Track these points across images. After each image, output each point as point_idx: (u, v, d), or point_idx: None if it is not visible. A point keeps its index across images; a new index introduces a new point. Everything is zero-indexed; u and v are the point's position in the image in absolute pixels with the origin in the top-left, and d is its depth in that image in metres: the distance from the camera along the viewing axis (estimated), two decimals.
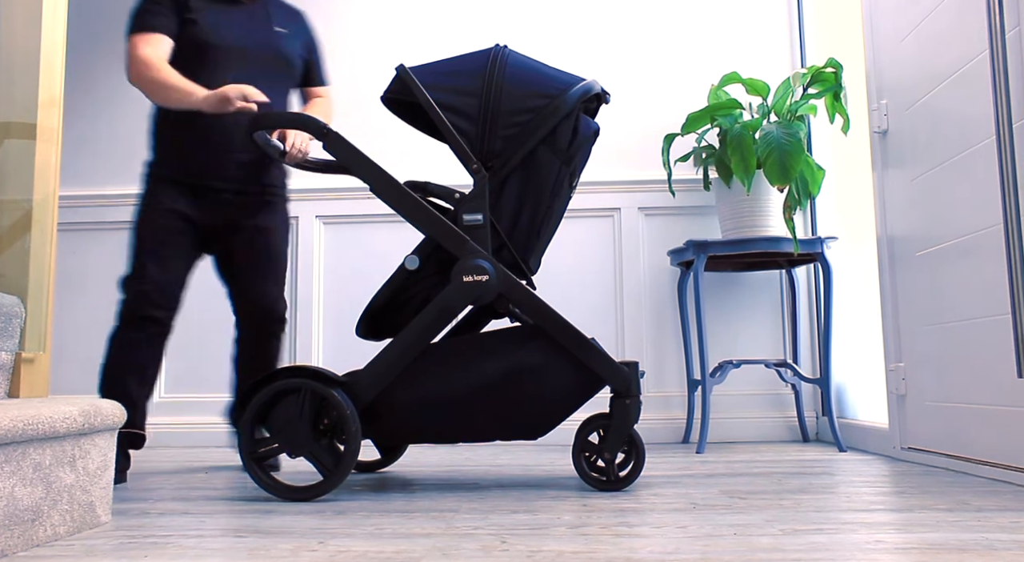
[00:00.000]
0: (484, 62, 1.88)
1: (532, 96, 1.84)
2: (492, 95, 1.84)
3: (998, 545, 1.21)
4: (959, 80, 2.06)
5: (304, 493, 1.75)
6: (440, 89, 1.86)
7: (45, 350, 1.79)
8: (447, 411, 1.81)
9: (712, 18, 3.31)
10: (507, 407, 1.81)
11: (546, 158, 1.85)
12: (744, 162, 2.65)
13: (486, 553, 1.21)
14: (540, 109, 1.83)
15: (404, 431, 1.83)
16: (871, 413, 2.77)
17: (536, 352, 1.81)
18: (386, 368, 1.79)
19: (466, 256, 1.81)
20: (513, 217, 1.85)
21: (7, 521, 1.23)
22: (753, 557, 1.15)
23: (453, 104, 1.85)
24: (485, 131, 1.83)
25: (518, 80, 1.85)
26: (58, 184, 1.91)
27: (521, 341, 1.82)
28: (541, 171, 1.85)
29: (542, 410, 1.81)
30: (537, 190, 1.85)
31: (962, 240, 2.05)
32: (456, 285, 1.80)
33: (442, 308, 1.80)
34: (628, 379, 1.79)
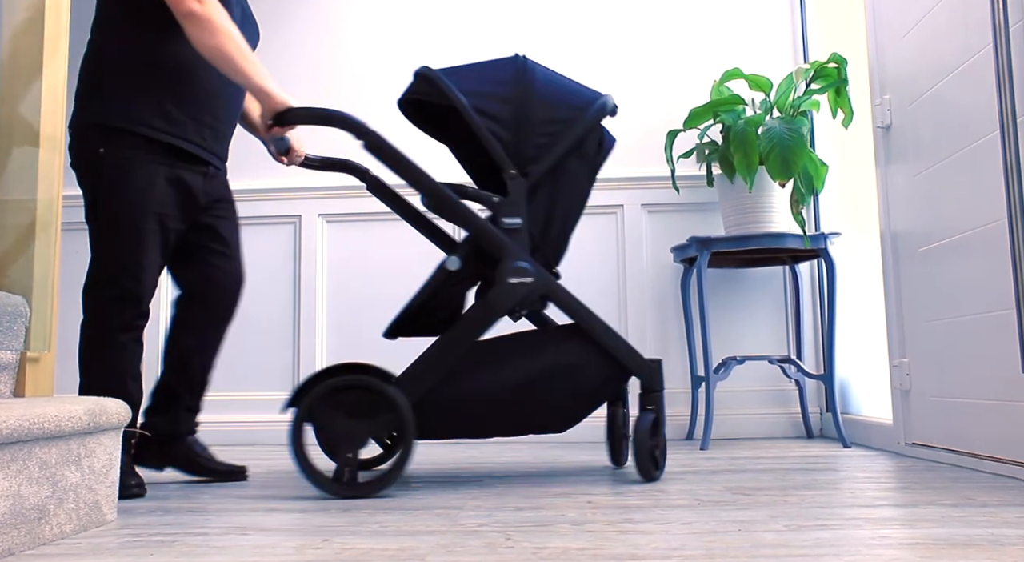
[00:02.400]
0: (512, 70, 1.92)
1: (562, 107, 1.91)
2: (524, 104, 1.89)
3: (1003, 540, 1.21)
4: (963, 74, 2.05)
5: (360, 490, 1.74)
6: (475, 94, 1.88)
7: (50, 349, 1.80)
8: (486, 408, 1.84)
9: (714, 13, 3.31)
10: (543, 402, 1.86)
11: (575, 167, 1.93)
12: (747, 158, 2.64)
13: (491, 550, 1.21)
14: (569, 120, 1.90)
15: (443, 428, 1.85)
16: (875, 409, 2.76)
17: (576, 350, 1.87)
18: (433, 367, 1.81)
19: (509, 258, 1.85)
20: (544, 222, 1.91)
21: (14, 520, 1.23)
22: (758, 553, 1.15)
23: (489, 110, 1.88)
24: (519, 138, 1.88)
25: (547, 91, 1.92)
26: (62, 184, 1.91)
27: (561, 339, 1.89)
28: (571, 179, 1.93)
29: (575, 404, 1.88)
30: (567, 197, 1.93)
31: (966, 235, 2.05)
32: (502, 286, 1.83)
33: (489, 308, 1.83)
34: (653, 374, 1.90)
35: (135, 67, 1.86)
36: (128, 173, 1.84)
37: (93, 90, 1.87)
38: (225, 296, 2.07)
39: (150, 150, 1.86)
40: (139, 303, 1.87)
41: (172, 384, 2.04)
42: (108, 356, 1.85)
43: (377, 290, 3.24)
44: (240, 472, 2.07)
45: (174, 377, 2.04)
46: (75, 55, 3.35)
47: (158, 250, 1.89)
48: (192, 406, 2.07)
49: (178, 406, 2.04)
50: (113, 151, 1.84)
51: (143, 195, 1.85)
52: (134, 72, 1.86)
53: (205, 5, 1.79)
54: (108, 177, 1.84)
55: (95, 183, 1.86)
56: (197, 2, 1.79)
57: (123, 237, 1.85)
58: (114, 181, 1.84)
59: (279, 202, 3.23)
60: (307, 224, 3.28)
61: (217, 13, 1.80)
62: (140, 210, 1.85)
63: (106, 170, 1.84)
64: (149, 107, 1.86)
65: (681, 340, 3.14)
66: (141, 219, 1.85)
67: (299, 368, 3.21)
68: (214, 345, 2.08)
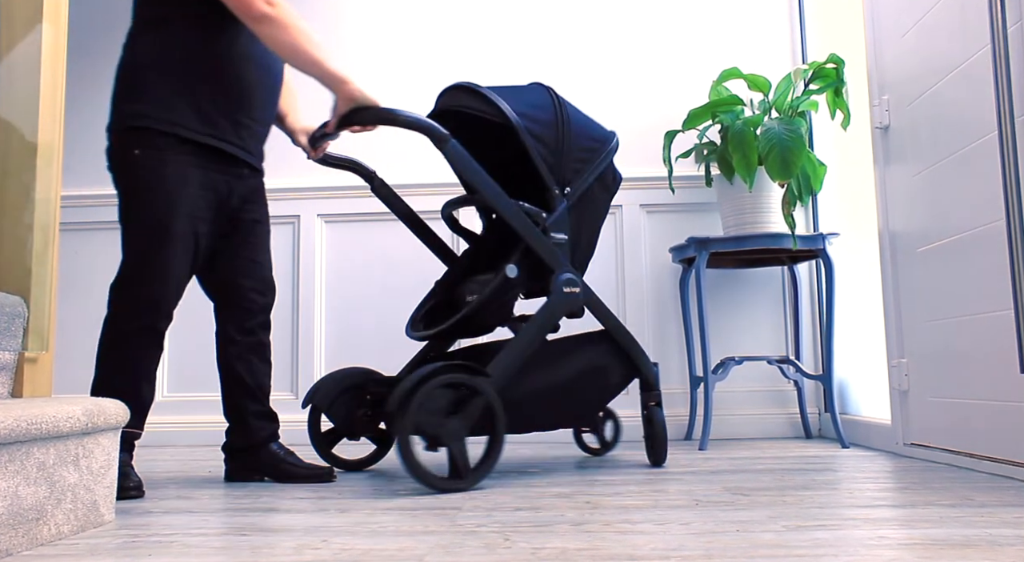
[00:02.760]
0: (548, 97, 2.11)
1: (590, 138, 2.12)
2: (564, 130, 2.07)
3: (1001, 541, 1.21)
4: (961, 75, 2.05)
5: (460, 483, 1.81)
6: (526, 117, 2.03)
7: (48, 350, 1.79)
8: (535, 405, 2.01)
9: (713, 14, 3.31)
10: (578, 399, 2.08)
11: (598, 193, 2.15)
12: (746, 159, 2.64)
13: (489, 550, 1.21)
14: (596, 150, 2.13)
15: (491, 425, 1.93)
16: (874, 409, 2.77)
17: (606, 353, 2.11)
18: (510, 366, 1.94)
19: (563, 270, 2.04)
20: (575, 239, 2.10)
21: (11, 520, 1.23)
22: (756, 553, 1.15)
23: (537, 132, 2.03)
24: (559, 162, 2.05)
25: (578, 122, 2.12)
26: (60, 185, 1.91)
27: (594, 343, 2.10)
28: (596, 203, 2.15)
29: (600, 400, 2.12)
30: (592, 219, 2.14)
31: (964, 235, 2.05)
32: (558, 296, 2.01)
33: (551, 314, 2.00)
34: (656, 376, 2.18)
35: (172, 68, 1.87)
36: (162, 175, 1.84)
37: (130, 92, 1.88)
38: (253, 307, 2.07)
39: (185, 151, 1.87)
40: (162, 305, 1.86)
41: (232, 395, 2.05)
42: (124, 354, 1.84)
43: (376, 290, 3.24)
44: (327, 473, 2.03)
45: (228, 388, 2.06)
46: (74, 53, 3.35)
47: (187, 253, 1.89)
48: (260, 412, 2.06)
49: (246, 416, 2.04)
50: (148, 152, 1.84)
51: (175, 197, 1.85)
52: (171, 73, 1.87)
53: (275, 6, 1.82)
54: (142, 178, 1.85)
55: (129, 184, 1.87)
56: (267, 4, 1.81)
57: (152, 238, 1.85)
58: (147, 182, 1.85)
59: (278, 202, 3.23)
60: (305, 224, 3.28)
61: (288, 11, 1.84)
62: (171, 212, 1.85)
63: (140, 171, 1.85)
64: (186, 108, 1.87)
65: (680, 340, 3.14)
66: (171, 221, 1.85)
67: (298, 367, 3.21)
68: (256, 351, 2.07)
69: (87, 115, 3.42)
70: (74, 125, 3.37)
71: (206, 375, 3.22)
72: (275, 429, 2.08)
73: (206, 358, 3.20)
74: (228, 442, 2.08)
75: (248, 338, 2.06)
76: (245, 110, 1.96)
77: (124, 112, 1.87)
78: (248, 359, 2.05)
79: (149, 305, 1.84)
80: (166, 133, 1.85)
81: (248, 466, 2.06)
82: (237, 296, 2.05)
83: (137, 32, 1.92)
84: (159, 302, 1.85)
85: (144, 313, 1.85)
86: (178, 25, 1.88)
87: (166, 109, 1.85)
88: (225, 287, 2.05)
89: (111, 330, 1.86)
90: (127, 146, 1.86)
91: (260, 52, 1.97)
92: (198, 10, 1.87)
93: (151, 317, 1.85)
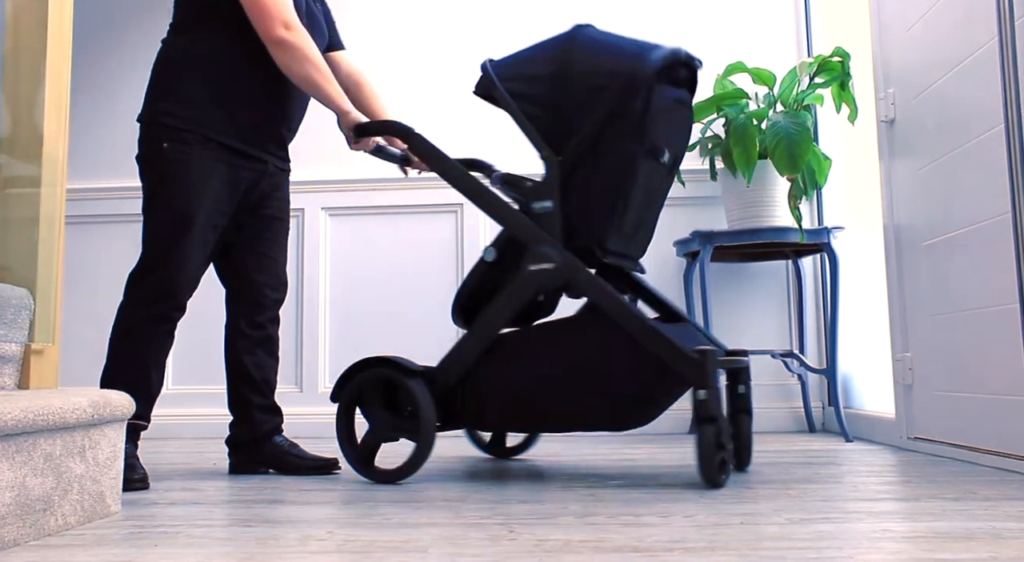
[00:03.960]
0: (559, 46, 1.85)
1: (599, 74, 1.79)
2: (561, 78, 1.81)
3: (1005, 534, 1.21)
4: (967, 68, 2.04)
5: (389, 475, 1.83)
6: (514, 79, 1.87)
7: (54, 342, 1.80)
8: (525, 399, 1.83)
9: (718, 7, 3.29)
10: (582, 396, 1.79)
11: (617, 137, 1.77)
12: (746, 153, 2.64)
13: (494, 542, 1.21)
14: (602, 87, 1.78)
15: (487, 418, 1.89)
16: (878, 403, 2.76)
17: (597, 342, 1.77)
18: (458, 358, 1.83)
19: (532, 244, 1.81)
20: (585, 201, 1.80)
21: (19, 511, 1.24)
22: (760, 546, 1.16)
23: (523, 92, 1.85)
24: (553, 117, 1.82)
25: (588, 60, 1.81)
26: (65, 177, 1.91)
27: (586, 328, 1.82)
28: (613, 152, 1.78)
29: (618, 401, 1.77)
30: (610, 171, 1.78)
31: (969, 229, 2.04)
32: (522, 274, 1.81)
33: (509, 297, 1.82)
34: (700, 367, 1.66)
35: (202, 71, 1.94)
36: (186, 167, 1.90)
37: (161, 90, 1.95)
38: (264, 301, 2.09)
39: (210, 146, 1.92)
40: (176, 294, 1.90)
41: (237, 388, 2.08)
42: (135, 342, 1.89)
43: (380, 283, 3.25)
44: (332, 465, 2.04)
45: (234, 380, 2.08)
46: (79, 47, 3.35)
47: (206, 245, 1.94)
48: (264, 406, 2.07)
49: (250, 409, 2.06)
50: (175, 146, 1.90)
51: (198, 190, 1.90)
52: (201, 75, 1.93)
53: (293, 32, 1.89)
54: (166, 171, 1.91)
55: (154, 176, 1.93)
56: (285, 29, 1.88)
57: (172, 229, 1.89)
58: (171, 174, 1.90)
59: None
60: (310, 218, 3.28)
61: (304, 40, 1.91)
62: (193, 204, 1.89)
63: (166, 164, 1.91)
64: (213, 108, 1.93)
65: None
66: (193, 212, 1.90)
67: (302, 360, 3.22)
68: (264, 345, 2.09)
69: (92, 108, 3.42)
70: (79, 118, 3.38)
71: (211, 368, 3.23)
72: (278, 423, 2.09)
73: (211, 351, 3.21)
74: (232, 435, 2.09)
75: (257, 332, 2.08)
76: (272, 114, 2.02)
77: (155, 109, 1.94)
78: (256, 353, 2.07)
79: (164, 292, 1.89)
80: (194, 131, 1.91)
81: (252, 459, 2.07)
82: (250, 290, 2.07)
83: (174, 31, 2.00)
84: (174, 290, 1.89)
85: (158, 300, 1.89)
86: (211, 30, 1.95)
87: (194, 109, 1.92)
88: (239, 280, 2.08)
89: (124, 317, 1.90)
90: (156, 138, 1.92)
91: None
92: (231, 17, 1.92)
93: (164, 305, 1.89)
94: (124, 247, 3.30)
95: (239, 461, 2.08)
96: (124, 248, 3.30)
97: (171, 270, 1.88)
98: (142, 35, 3.40)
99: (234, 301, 2.09)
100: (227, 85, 1.94)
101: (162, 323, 1.90)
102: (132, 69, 3.41)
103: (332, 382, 3.22)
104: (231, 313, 2.09)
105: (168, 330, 1.92)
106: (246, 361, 2.06)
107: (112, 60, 3.45)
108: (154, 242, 1.91)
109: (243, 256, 2.07)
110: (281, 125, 2.05)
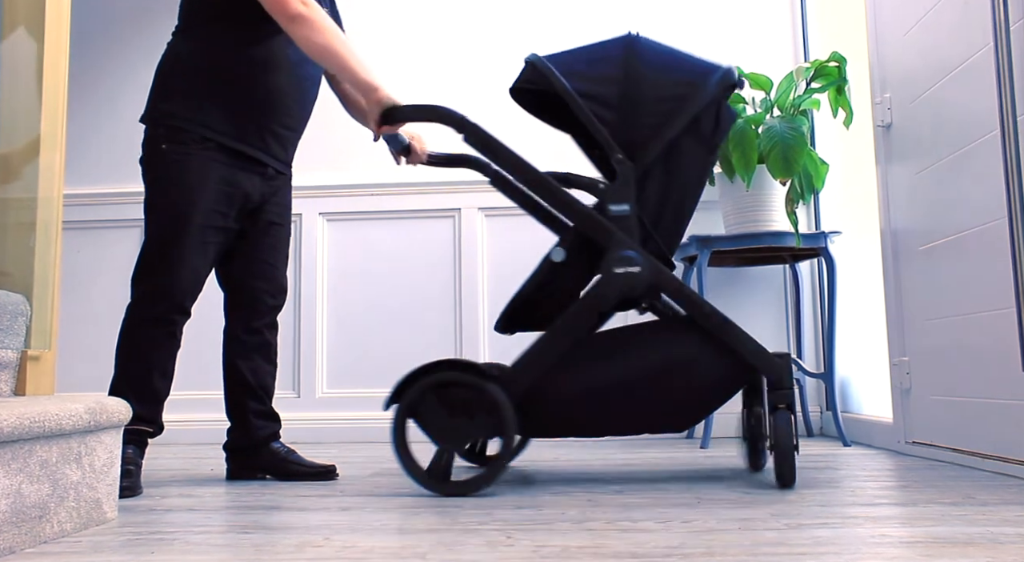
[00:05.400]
0: (620, 49, 1.83)
1: (674, 83, 1.80)
2: (632, 82, 1.79)
3: (1003, 538, 1.21)
4: (963, 73, 2.05)
5: (463, 487, 1.73)
6: (578, 77, 1.80)
7: (51, 348, 1.80)
8: (597, 405, 1.78)
9: (714, 12, 3.30)
10: (658, 400, 1.78)
11: (690, 147, 1.81)
12: (745, 157, 2.64)
13: (491, 548, 1.21)
14: (682, 97, 1.78)
15: (552, 426, 1.82)
16: (875, 407, 2.76)
17: (691, 344, 1.78)
18: (537, 362, 1.75)
19: (615, 247, 1.76)
20: (658, 207, 1.81)
21: (14, 518, 1.23)
22: (758, 551, 1.15)
23: (593, 92, 1.79)
24: (627, 120, 1.78)
25: (658, 67, 1.81)
26: (62, 182, 1.91)
27: (675, 333, 1.81)
28: (685, 160, 1.81)
29: (692, 402, 1.80)
30: (682, 180, 1.81)
31: (966, 234, 2.05)
32: (607, 277, 1.75)
33: (593, 300, 1.76)
34: (782, 370, 1.75)
35: (205, 71, 1.93)
36: (184, 169, 1.90)
37: (164, 91, 1.95)
38: (262, 307, 2.08)
39: (208, 147, 1.92)
40: (177, 295, 1.89)
41: (234, 394, 2.07)
42: (138, 344, 1.89)
43: (377, 288, 3.25)
44: (330, 471, 2.03)
45: (231, 386, 2.07)
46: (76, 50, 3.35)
47: (204, 246, 1.92)
48: (262, 412, 2.06)
49: (247, 415, 2.05)
50: (174, 148, 1.91)
51: (195, 191, 1.90)
52: (204, 76, 1.93)
53: (309, 7, 1.84)
54: (165, 172, 1.91)
55: (153, 177, 1.94)
56: (302, 4, 1.84)
57: (169, 230, 1.89)
58: (169, 176, 1.91)
59: None
60: (307, 223, 3.28)
61: (320, 13, 1.86)
62: (190, 205, 1.89)
63: (165, 165, 1.91)
64: (214, 110, 1.92)
65: None
66: (191, 213, 1.89)
67: (300, 365, 3.21)
68: (261, 351, 2.08)
69: (90, 112, 3.42)
70: (76, 123, 3.37)
71: (209, 373, 3.21)
72: (276, 429, 2.08)
73: (209, 356, 3.19)
74: (229, 441, 2.09)
75: (254, 338, 2.07)
76: (272, 116, 2.00)
77: (156, 109, 1.95)
78: (253, 359, 2.07)
79: (163, 295, 1.88)
80: (193, 133, 1.91)
81: (250, 465, 2.06)
82: (248, 296, 2.07)
83: (177, 33, 2.00)
84: (173, 292, 1.88)
85: (158, 303, 1.89)
86: (215, 32, 1.94)
87: (194, 110, 1.91)
88: (237, 285, 2.07)
89: (129, 319, 1.91)
90: (156, 139, 1.93)
91: (294, 62, 1.99)
92: (236, 19, 1.92)
93: (165, 307, 1.89)
94: (124, 252, 3.30)
95: (237, 467, 2.08)
96: (124, 253, 3.30)
97: (168, 271, 1.88)
98: (142, 37, 3.39)
99: (232, 307, 2.08)
100: (228, 87, 1.93)
101: (162, 326, 1.90)
102: (132, 72, 3.40)
103: (329, 387, 3.22)
104: (229, 319, 2.09)
105: (170, 332, 1.91)
106: (243, 367, 2.05)
107: (111, 63, 3.45)
108: (151, 243, 1.91)
109: (242, 261, 2.06)
110: (283, 128, 2.04)
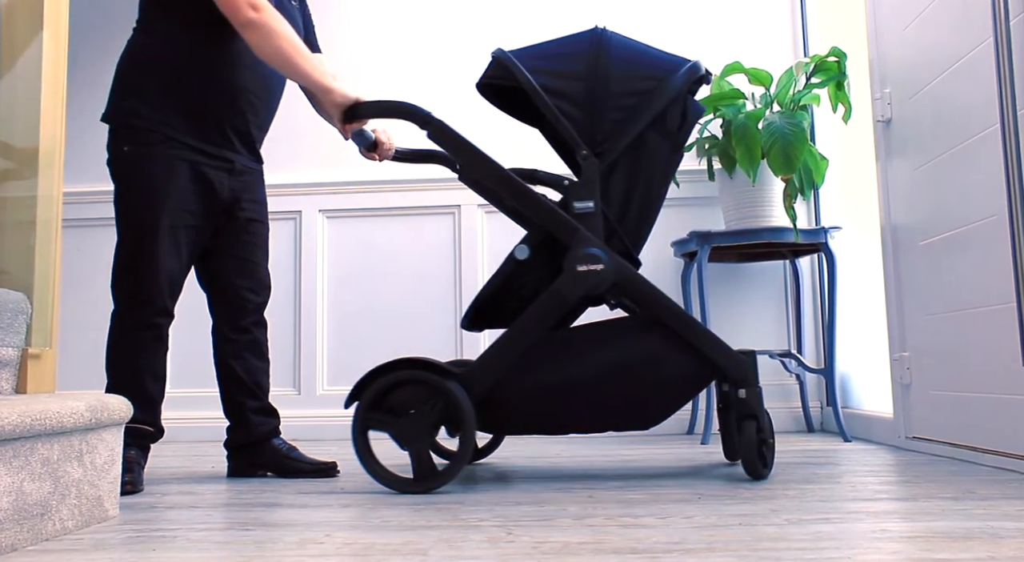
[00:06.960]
0: (586, 44, 1.83)
1: (639, 78, 1.80)
2: (598, 78, 1.79)
3: (1003, 533, 1.21)
4: (963, 68, 2.05)
5: (417, 486, 1.71)
6: (543, 73, 1.81)
7: (51, 346, 1.80)
8: (560, 402, 1.78)
9: (714, 8, 3.30)
10: (621, 398, 1.78)
11: (656, 142, 1.81)
12: (749, 153, 2.64)
13: (492, 544, 1.21)
14: (648, 92, 1.79)
15: (514, 422, 1.82)
16: (876, 403, 2.77)
17: (655, 341, 1.77)
18: (498, 359, 1.76)
19: (578, 244, 1.76)
20: (623, 203, 1.81)
21: (16, 515, 1.23)
22: (758, 546, 1.16)
23: (558, 88, 1.79)
24: (592, 115, 1.79)
25: (624, 62, 1.81)
26: (62, 180, 1.91)
27: (639, 330, 1.80)
28: (651, 156, 1.81)
29: (656, 400, 1.79)
30: (647, 175, 1.81)
31: (966, 229, 2.05)
32: (570, 275, 1.75)
33: (555, 298, 1.76)
34: (747, 367, 1.76)
35: (164, 70, 1.92)
36: (149, 169, 1.88)
37: (123, 89, 1.93)
38: (246, 305, 2.07)
39: (172, 146, 1.90)
40: (155, 299, 1.88)
41: (230, 393, 2.06)
42: (125, 349, 1.89)
43: (378, 286, 3.25)
44: (330, 468, 2.03)
45: (226, 385, 2.07)
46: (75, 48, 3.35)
47: (177, 247, 1.91)
48: (259, 409, 2.06)
49: (245, 413, 2.05)
50: (137, 148, 1.89)
51: (161, 192, 1.88)
52: (162, 74, 1.91)
53: (261, 12, 1.84)
54: (130, 173, 1.90)
55: (119, 179, 1.92)
56: (253, 10, 1.83)
57: (139, 232, 1.88)
58: (134, 177, 1.89)
59: (279, 198, 3.22)
60: (307, 220, 3.28)
61: (272, 17, 1.85)
62: (158, 206, 1.88)
63: (128, 167, 1.90)
64: (174, 108, 1.90)
65: None
66: (158, 215, 1.88)
67: (300, 363, 3.21)
68: (250, 348, 2.07)
69: (89, 111, 3.42)
70: (76, 121, 3.37)
71: (207, 371, 3.21)
72: (275, 425, 2.08)
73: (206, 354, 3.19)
74: (229, 439, 2.09)
75: (243, 336, 2.07)
76: (235, 113, 1.98)
77: (116, 108, 1.93)
78: (243, 357, 2.06)
79: (141, 299, 1.88)
80: (155, 131, 1.89)
81: (251, 462, 2.07)
82: (231, 295, 2.06)
83: (138, 32, 1.97)
84: (151, 296, 1.88)
85: (140, 308, 1.88)
86: (175, 28, 1.93)
87: (155, 108, 1.89)
88: (218, 285, 2.06)
89: (114, 325, 1.91)
90: (118, 141, 1.91)
91: (258, 58, 1.96)
92: (196, 16, 1.90)
93: (145, 312, 1.88)
94: None
95: (237, 465, 2.08)
96: None
97: (144, 276, 1.87)
98: None
99: (216, 306, 2.07)
100: (189, 84, 1.91)
101: (147, 329, 1.89)
102: None
103: (329, 385, 3.22)
104: (215, 319, 2.08)
105: (156, 335, 1.91)
106: (234, 365, 2.05)
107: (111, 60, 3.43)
108: (123, 247, 1.90)
109: (221, 260, 2.04)
110: (247, 124, 2.01)
